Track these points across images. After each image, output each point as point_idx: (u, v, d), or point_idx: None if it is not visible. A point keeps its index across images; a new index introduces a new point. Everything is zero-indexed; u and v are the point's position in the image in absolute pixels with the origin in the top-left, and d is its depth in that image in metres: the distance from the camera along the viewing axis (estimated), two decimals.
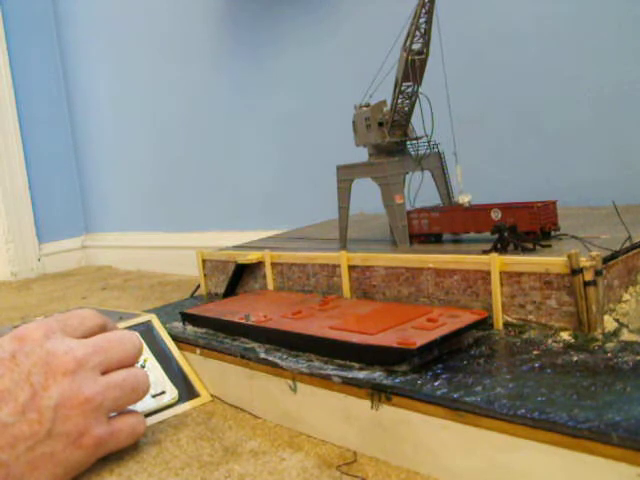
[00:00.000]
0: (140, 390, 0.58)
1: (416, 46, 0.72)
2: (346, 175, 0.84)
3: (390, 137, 0.79)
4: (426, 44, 0.72)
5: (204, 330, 0.75)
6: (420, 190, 0.85)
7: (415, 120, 0.80)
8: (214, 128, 1.58)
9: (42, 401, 0.50)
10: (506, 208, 0.68)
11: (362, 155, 0.84)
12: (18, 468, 0.49)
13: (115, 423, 0.55)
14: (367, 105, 0.82)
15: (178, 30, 1.63)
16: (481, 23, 1.02)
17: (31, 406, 0.50)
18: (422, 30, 0.71)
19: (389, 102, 0.79)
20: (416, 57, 0.72)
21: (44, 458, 0.50)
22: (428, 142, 0.81)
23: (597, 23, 0.90)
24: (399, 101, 0.76)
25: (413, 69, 0.73)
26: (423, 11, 0.69)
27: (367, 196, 0.91)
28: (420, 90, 0.76)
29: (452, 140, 0.77)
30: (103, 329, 0.61)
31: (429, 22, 0.70)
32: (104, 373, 0.55)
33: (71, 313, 0.60)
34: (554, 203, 0.69)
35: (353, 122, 0.83)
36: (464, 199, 0.76)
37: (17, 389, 0.50)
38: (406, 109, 0.77)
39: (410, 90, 0.75)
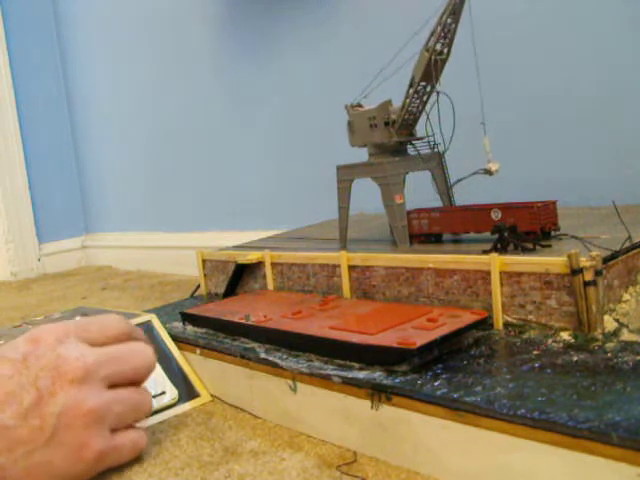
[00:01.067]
0: (142, 411, 0.57)
1: (439, 46, 0.72)
2: (346, 175, 0.84)
3: (397, 137, 0.79)
4: (449, 44, 0.72)
5: (204, 330, 0.75)
6: (418, 190, 0.85)
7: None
8: (214, 128, 1.58)
9: (47, 407, 0.49)
10: (506, 208, 0.68)
11: (362, 155, 0.84)
12: (15, 472, 0.48)
13: (117, 438, 0.54)
14: (359, 105, 0.82)
15: (178, 31, 1.63)
16: (481, 22, 1.02)
17: (35, 411, 0.49)
18: (446, 30, 0.71)
19: (393, 102, 0.79)
20: (438, 57, 0.72)
21: (41, 466, 0.49)
22: (437, 143, 0.81)
23: (597, 23, 0.90)
24: (411, 100, 0.76)
25: (435, 69, 0.73)
26: (451, 11, 0.69)
27: (367, 196, 0.90)
28: (438, 89, 0.75)
29: (481, 110, 0.75)
30: (129, 337, 0.59)
31: (455, 22, 0.70)
32: (111, 387, 0.54)
33: (94, 318, 0.59)
34: (554, 203, 0.69)
35: (349, 122, 0.83)
36: (493, 167, 0.75)
37: (23, 392, 0.49)
38: (415, 109, 0.77)
39: (423, 90, 0.75)
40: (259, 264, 0.88)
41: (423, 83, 0.74)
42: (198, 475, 0.54)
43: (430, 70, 0.73)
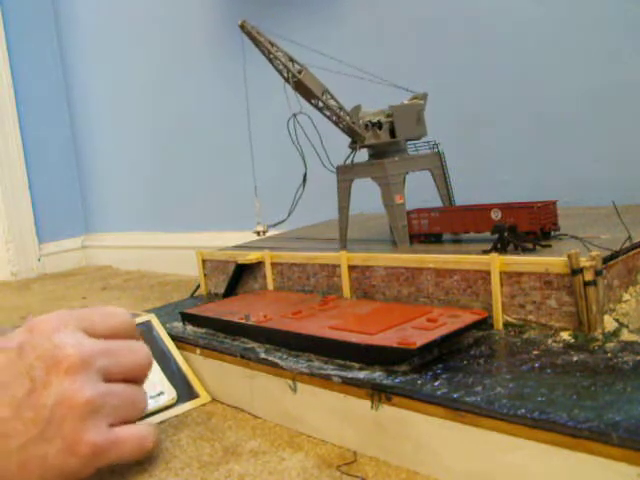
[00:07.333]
0: (137, 408, 0.54)
1: (284, 71, 0.76)
2: (346, 175, 0.84)
3: (360, 142, 0.80)
4: (287, 62, 0.75)
5: (204, 330, 0.75)
6: (419, 190, 0.85)
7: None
8: (214, 127, 1.58)
9: (40, 399, 0.47)
10: (506, 208, 0.68)
11: (362, 155, 0.84)
12: (8, 465, 0.47)
13: (119, 432, 0.51)
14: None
15: (177, 30, 1.63)
16: (482, 23, 1.02)
17: (28, 403, 0.47)
18: (271, 56, 0.75)
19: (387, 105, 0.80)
20: (293, 78, 0.76)
21: (36, 460, 0.47)
22: (435, 144, 0.82)
23: (597, 22, 0.90)
24: (328, 114, 0.79)
25: (303, 88, 0.78)
26: (255, 38, 0.73)
27: (367, 196, 0.90)
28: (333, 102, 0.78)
29: (252, 170, 0.81)
30: (130, 332, 0.56)
31: (266, 42, 0.74)
32: (106, 381, 0.51)
33: (96, 309, 0.56)
34: (554, 203, 0.69)
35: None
36: (261, 228, 0.89)
37: (16, 383, 0.48)
38: (338, 123, 0.79)
39: (326, 104, 0.78)
40: (259, 264, 0.88)
41: (314, 101, 0.79)
42: (198, 475, 0.54)
43: (302, 89, 0.78)
